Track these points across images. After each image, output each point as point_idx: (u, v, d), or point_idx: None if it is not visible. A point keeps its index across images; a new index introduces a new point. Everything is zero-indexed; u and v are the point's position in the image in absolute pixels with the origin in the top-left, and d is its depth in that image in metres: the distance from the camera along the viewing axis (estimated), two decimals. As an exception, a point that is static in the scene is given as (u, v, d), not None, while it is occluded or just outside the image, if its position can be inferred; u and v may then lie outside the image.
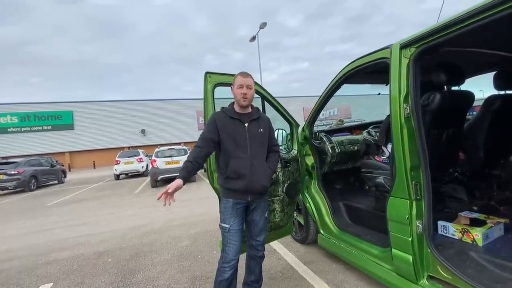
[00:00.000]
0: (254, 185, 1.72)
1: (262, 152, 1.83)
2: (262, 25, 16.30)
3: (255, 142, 1.77)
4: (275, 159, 1.94)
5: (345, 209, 2.76)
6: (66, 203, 7.63)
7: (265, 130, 1.85)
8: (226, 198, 1.78)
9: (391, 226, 1.80)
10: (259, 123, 1.83)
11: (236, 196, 1.76)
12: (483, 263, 1.52)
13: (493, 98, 2.15)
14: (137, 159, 12.71)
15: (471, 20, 1.28)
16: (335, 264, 2.54)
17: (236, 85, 1.77)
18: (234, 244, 1.74)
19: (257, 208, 1.85)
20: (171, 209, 5.60)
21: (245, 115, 1.81)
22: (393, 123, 1.70)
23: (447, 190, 2.35)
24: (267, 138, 1.86)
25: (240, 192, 1.74)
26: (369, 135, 3.01)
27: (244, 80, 1.76)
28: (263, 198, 1.87)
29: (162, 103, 30.76)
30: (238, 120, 1.77)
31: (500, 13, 1.17)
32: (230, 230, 1.74)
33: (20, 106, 26.18)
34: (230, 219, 1.75)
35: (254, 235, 1.88)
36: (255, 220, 1.86)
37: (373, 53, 1.90)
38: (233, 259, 1.74)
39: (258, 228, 1.87)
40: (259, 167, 1.75)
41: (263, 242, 1.92)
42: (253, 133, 1.78)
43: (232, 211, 1.76)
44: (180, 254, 3.15)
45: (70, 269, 2.99)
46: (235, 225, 1.75)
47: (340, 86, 2.37)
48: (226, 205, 1.78)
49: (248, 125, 1.78)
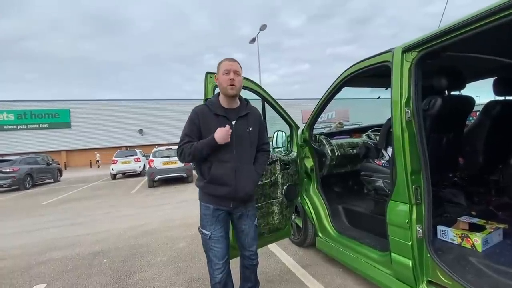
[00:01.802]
0: (237, 193, 1.56)
1: (250, 154, 1.66)
2: (262, 27, 16.36)
3: (243, 143, 1.59)
4: (263, 161, 1.76)
5: (344, 212, 2.75)
6: (62, 202, 7.56)
7: (254, 128, 1.66)
8: (206, 203, 1.62)
9: (390, 230, 1.79)
10: (248, 121, 1.63)
11: (216, 202, 1.60)
12: (483, 268, 1.51)
13: (493, 104, 2.16)
14: (135, 159, 12.66)
15: (473, 26, 1.29)
16: (333, 268, 2.53)
17: (221, 71, 1.55)
18: (218, 250, 1.61)
19: (244, 217, 1.71)
20: (167, 210, 5.57)
21: (232, 110, 1.60)
22: (394, 127, 1.69)
23: (446, 194, 2.35)
24: (256, 137, 1.68)
25: (221, 198, 1.59)
26: (369, 138, 3.01)
27: (231, 65, 1.55)
28: (248, 205, 1.72)
29: (160, 103, 30.71)
30: (224, 117, 1.56)
31: (501, 19, 1.18)
32: (211, 237, 1.61)
33: (16, 103, 26.02)
34: (210, 226, 1.61)
35: (246, 246, 1.76)
36: (245, 230, 1.73)
37: (374, 56, 1.90)
38: (219, 263, 1.61)
39: (249, 238, 1.75)
40: (244, 172, 1.58)
41: (256, 251, 1.80)
42: (240, 133, 1.58)
43: (213, 218, 1.61)
44: (176, 255, 3.12)
45: (64, 269, 2.95)
46: (217, 232, 1.61)
47: (340, 89, 2.37)
48: (206, 212, 1.63)
49: (236, 124, 1.57)
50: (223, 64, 1.58)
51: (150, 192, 8.17)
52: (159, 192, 8.15)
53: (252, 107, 1.72)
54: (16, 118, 25.71)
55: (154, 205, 6.27)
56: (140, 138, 29.07)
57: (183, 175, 9.29)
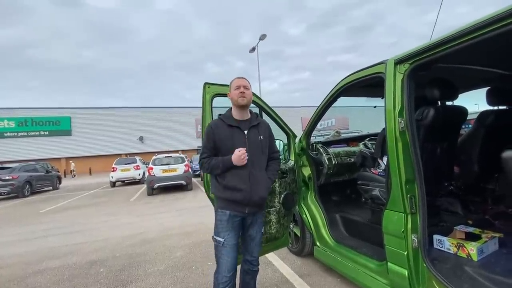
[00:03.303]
0: (252, 197, 1.65)
1: (263, 161, 1.77)
2: (261, 37, 16.60)
3: (255, 151, 1.71)
4: (275, 168, 1.88)
5: (341, 221, 2.75)
6: (60, 210, 7.53)
7: (265, 137, 1.79)
8: (222, 209, 1.70)
9: (386, 239, 1.79)
10: (259, 130, 1.77)
11: (232, 208, 1.68)
12: (478, 278, 1.51)
13: (486, 113, 2.19)
14: (134, 166, 12.64)
15: (463, 39, 1.33)
16: (330, 277, 2.51)
17: (233, 87, 1.75)
18: (228, 259, 1.66)
19: (254, 224, 1.80)
20: (166, 218, 5.55)
21: (244, 121, 1.75)
22: (388, 137, 1.72)
23: (442, 203, 2.36)
24: (267, 145, 1.80)
25: (237, 203, 1.67)
26: (366, 147, 3.03)
27: (241, 81, 1.75)
28: (260, 211, 1.82)
29: (161, 111, 30.89)
30: (237, 127, 1.71)
31: (491, 32, 1.22)
32: (224, 245, 1.66)
33: (17, 111, 26.18)
34: (225, 233, 1.67)
35: (250, 251, 1.83)
36: (252, 235, 1.81)
37: (368, 67, 1.94)
38: (226, 276, 1.66)
39: (254, 243, 1.82)
40: (258, 178, 1.69)
41: (257, 257, 1.88)
42: (253, 141, 1.71)
43: (228, 224, 1.68)
44: (174, 265, 3.10)
45: (60, 279, 2.93)
46: (230, 239, 1.67)
47: (337, 99, 2.41)
48: (222, 218, 1.70)
49: (248, 133, 1.72)
50: (234, 81, 1.78)
51: (149, 200, 8.14)
52: (158, 200, 8.13)
53: (262, 119, 1.90)
54: (16, 125, 25.82)
55: (153, 213, 6.25)
56: (140, 145, 29.12)
57: (182, 182, 9.28)
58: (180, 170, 9.28)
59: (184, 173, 9.29)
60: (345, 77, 2.20)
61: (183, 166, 9.42)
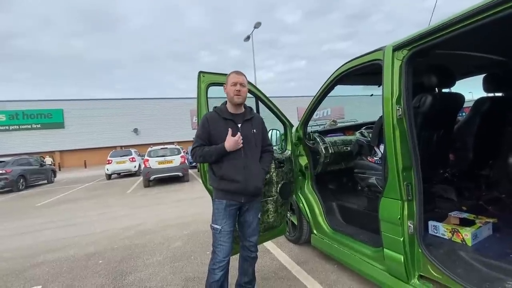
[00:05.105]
0: (247, 187, 1.72)
1: (256, 153, 1.83)
2: (256, 25, 16.28)
3: (249, 143, 1.77)
4: (268, 160, 1.95)
5: (338, 209, 2.78)
6: (56, 203, 7.48)
7: (258, 131, 1.85)
8: (219, 199, 1.78)
9: (383, 226, 1.81)
10: (252, 124, 1.83)
11: (229, 198, 1.75)
12: (472, 262, 1.55)
13: (482, 100, 2.19)
14: (130, 159, 12.55)
15: (461, 24, 1.30)
16: (328, 264, 2.56)
17: (229, 83, 1.77)
18: (225, 245, 1.75)
19: (250, 209, 1.85)
20: (163, 210, 5.56)
21: (238, 115, 1.81)
22: (385, 124, 1.71)
23: (437, 190, 2.39)
24: (260, 138, 1.87)
25: (233, 193, 1.74)
26: (362, 136, 3.03)
27: (238, 78, 1.77)
28: (256, 199, 1.87)
29: (155, 102, 30.46)
30: (231, 120, 1.77)
31: (490, 17, 1.20)
32: (221, 231, 1.74)
33: (8, 103, 25.55)
34: (222, 220, 1.75)
35: (247, 236, 1.89)
36: (248, 221, 1.87)
37: (366, 54, 1.91)
38: (223, 260, 1.74)
39: (251, 229, 1.88)
40: (252, 169, 1.75)
41: (256, 243, 1.93)
42: (246, 134, 1.77)
43: (225, 212, 1.76)
44: (172, 255, 3.12)
45: (59, 271, 2.93)
46: (227, 226, 1.75)
47: (333, 87, 2.38)
48: (219, 206, 1.77)
49: (242, 126, 1.78)
50: (231, 76, 1.78)
51: (146, 192, 8.13)
52: (155, 191, 8.12)
53: (255, 113, 1.95)
54: (7, 118, 25.27)
55: (150, 204, 6.25)
56: (135, 137, 28.83)
57: (179, 174, 9.26)
58: (176, 162, 9.25)
59: (180, 164, 9.25)
60: (342, 65, 2.16)
61: (179, 157, 9.38)
